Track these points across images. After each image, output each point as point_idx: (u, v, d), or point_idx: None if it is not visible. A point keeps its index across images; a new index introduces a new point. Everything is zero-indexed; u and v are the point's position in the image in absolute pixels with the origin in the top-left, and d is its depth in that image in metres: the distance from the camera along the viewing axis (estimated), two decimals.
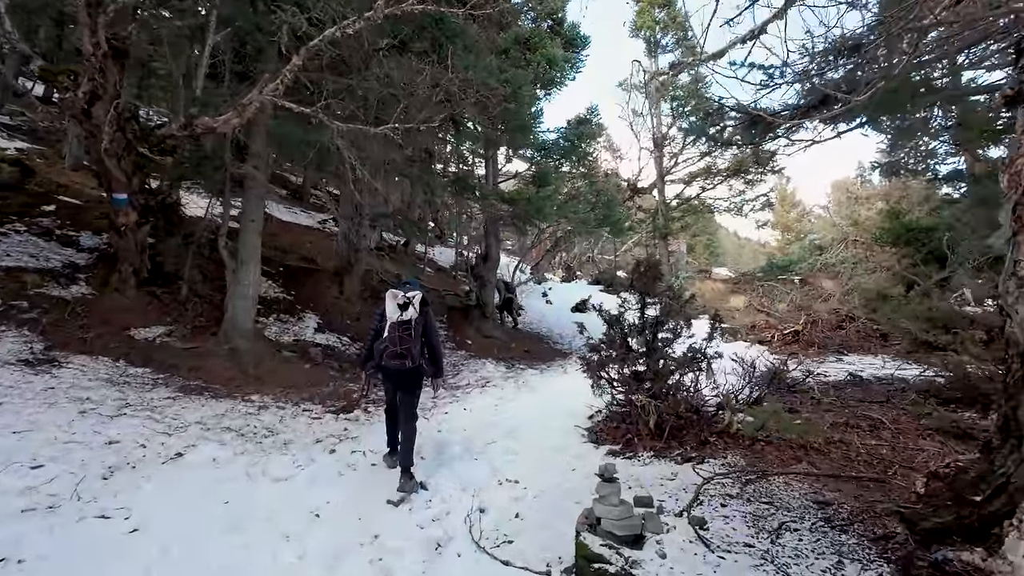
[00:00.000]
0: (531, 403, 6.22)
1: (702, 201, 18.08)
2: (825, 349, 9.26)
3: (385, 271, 13.31)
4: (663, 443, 4.00)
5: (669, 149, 18.51)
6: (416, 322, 3.91)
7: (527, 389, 7.06)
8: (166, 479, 3.58)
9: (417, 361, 3.89)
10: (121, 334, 6.78)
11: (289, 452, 4.35)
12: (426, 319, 4.02)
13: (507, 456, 4.26)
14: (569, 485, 3.61)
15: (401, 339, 3.86)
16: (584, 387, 7.11)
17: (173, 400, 5.27)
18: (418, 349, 3.91)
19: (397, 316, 3.89)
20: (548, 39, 10.84)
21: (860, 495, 2.98)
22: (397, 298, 3.94)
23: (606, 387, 4.77)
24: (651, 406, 4.03)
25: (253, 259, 7.40)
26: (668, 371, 4.36)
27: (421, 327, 3.96)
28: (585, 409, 5.55)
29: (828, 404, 5.10)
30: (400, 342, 3.85)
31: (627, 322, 4.88)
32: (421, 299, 4.01)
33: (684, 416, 4.17)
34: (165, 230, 8.31)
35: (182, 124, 6.54)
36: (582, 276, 23.93)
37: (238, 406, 5.53)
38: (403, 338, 3.86)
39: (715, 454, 3.74)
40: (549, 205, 9.11)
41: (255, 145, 7.57)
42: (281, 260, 11.42)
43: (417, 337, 3.91)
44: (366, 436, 4.93)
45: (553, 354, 11.55)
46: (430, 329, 4.05)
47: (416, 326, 3.91)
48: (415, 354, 3.87)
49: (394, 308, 3.93)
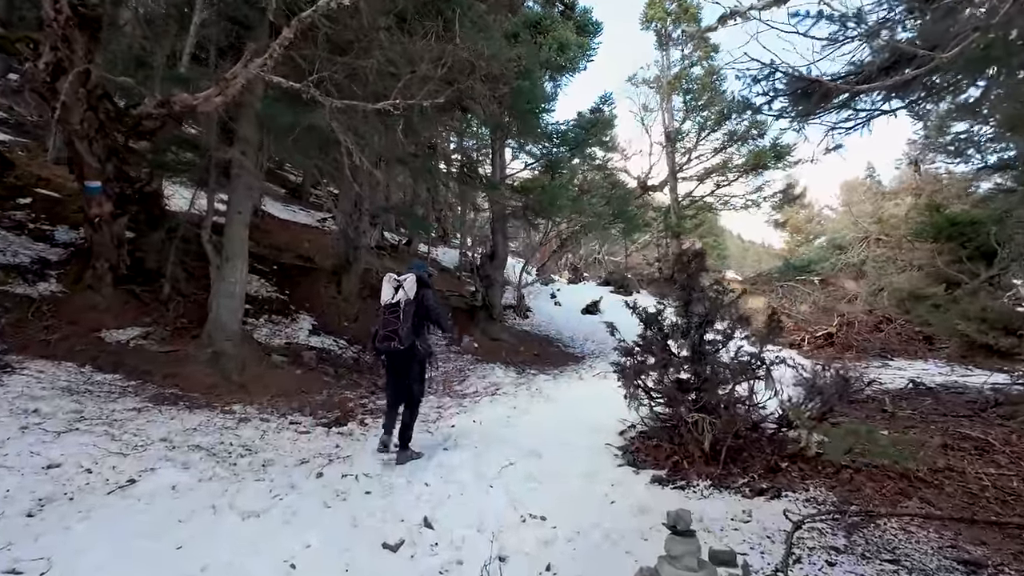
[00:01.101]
0: (549, 415, 5.49)
1: (719, 198, 17.35)
2: (865, 353, 8.51)
3: (386, 270, 12.61)
4: (720, 468, 3.28)
5: (682, 144, 17.80)
6: (406, 303, 3.98)
7: (542, 398, 6.33)
8: (108, 515, 2.87)
9: (406, 343, 3.92)
10: (90, 336, 6.09)
11: (267, 476, 3.64)
12: (422, 299, 4.06)
13: (528, 483, 3.53)
14: (610, 524, 2.88)
15: (388, 321, 3.99)
16: (607, 396, 6.39)
17: (138, 412, 4.57)
18: (407, 331, 3.94)
19: (388, 299, 4.06)
20: (560, 23, 10.17)
21: (1020, 552, 2.23)
22: (391, 281, 4.13)
23: (643, 398, 4.05)
24: (705, 423, 3.31)
25: (240, 255, 6.71)
26: (722, 380, 3.64)
27: (412, 309, 3.99)
28: (613, 422, 4.82)
29: (905, 418, 4.37)
30: (387, 324, 3.99)
31: (667, 322, 4.16)
32: (417, 280, 4.08)
33: (742, 435, 3.46)
34: (146, 223, 7.64)
35: (158, 102, 5.86)
36: (589, 278, 23.19)
37: (215, 418, 4.82)
38: (390, 320, 3.99)
39: (792, 485, 3.02)
40: (564, 195, 8.41)
41: (243, 129, 6.89)
42: (276, 258, 10.74)
43: (407, 319, 3.95)
44: (360, 455, 4.21)
45: (565, 358, 10.82)
46: (428, 307, 4.08)
47: (406, 307, 3.97)
48: (403, 335, 3.91)
49: (388, 291, 4.09)
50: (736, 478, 3.16)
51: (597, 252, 29.42)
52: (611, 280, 18.10)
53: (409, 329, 3.93)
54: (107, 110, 6.25)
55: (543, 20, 9.75)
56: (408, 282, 4.03)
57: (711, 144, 16.95)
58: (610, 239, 25.63)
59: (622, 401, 5.63)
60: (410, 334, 3.94)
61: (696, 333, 3.88)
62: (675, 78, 18.36)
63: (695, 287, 4.03)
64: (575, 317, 14.78)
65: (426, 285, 4.16)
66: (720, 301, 3.87)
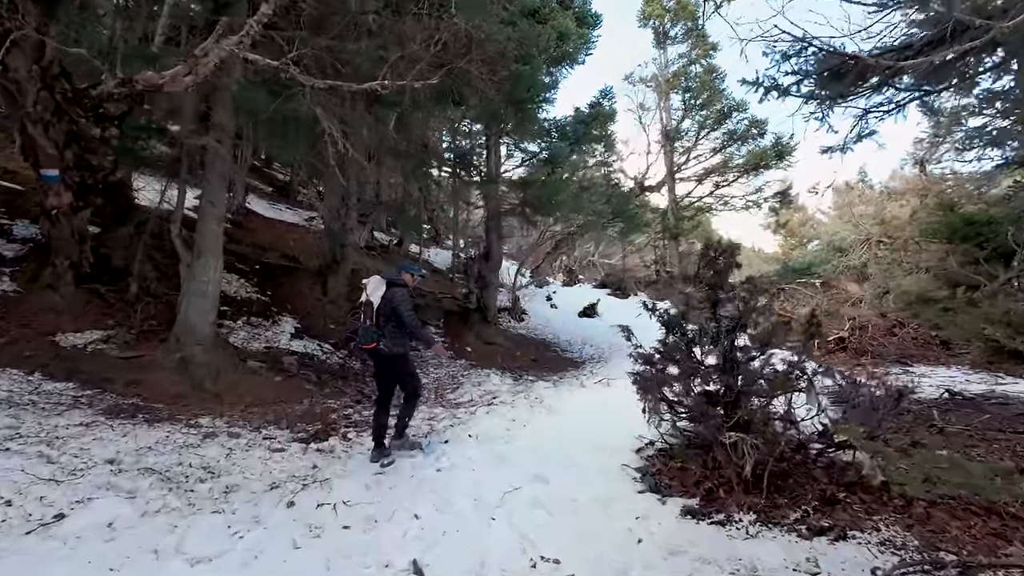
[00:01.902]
0: (552, 428, 4.97)
1: (718, 199, 16.97)
2: (881, 358, 8.09)
3: (376, 271, 12.05)
4: (764, 498, 2.79)
5: (681, 144, 17.43)
6: (366, 305, 4.07)
7: (543, 408, 5.81)
8: (18, 564, 2.31)
9: (365, 342, 4.06)
10: (42, 340, 5.49)
11: (228, 507, 3.08)
12: (391, 299, 4.02)
13: (537, 514, 3.00)
14: (639, 573, 2.37)
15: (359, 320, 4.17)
16: (614, 406, 5.89)
17: (86, 428, 3.99)
18: (367, 328, 4.04)
19: (363, 298, 4.15)
20: (559, 12, 9.69)
21: None
22: (371, 282, 4.17)
23: (665, 411, 3.55)
24: (746, 445, 2.82)
25: (213, 251, 6.14)
26: (758, 392, 3.14)
27: (373, 308, 4.02)
28: (626, 438, 4.31)
29: (957, 435, 3.90)
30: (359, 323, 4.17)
31: (691, 326, 3.67)
32: (388, 282, 4.12)
33: (785, 457, 2.97)
34: (112, 217, 7.04)
35: (120, 81, 5.29)
36: (584, 280, 22.75)
37: (176, 434, 4.25)
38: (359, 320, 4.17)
39: (857, 522, 2.53)
40: (565, 190, 7.92)
41: (218, 115, 6.33)
42: (259, 257, 10.15)
43: (367, 318, 4.05)
44: (341, 478, 3.67)
45: (563, 363, 10.32)
46: (396, 309, 3.99)
47: (366, 308, 4.07)
48: (361, 333, 4.11)
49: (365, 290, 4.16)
50: (785, 511, 2.67)
51: (592, 254, 28.99)
52: (608, 282, 17.64)
53: (369, 327, 4.01)
54: (64, 91, 5.67)
55: (541, 8, 9.26)
56: (371, 283, 4.13)
57: (710, 144, 16.60)
58: (605, 241, 25.24)
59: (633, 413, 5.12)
60: (369, 332, 4.01)
61: (727, 339, 3.39)
62: (674, 76, 18.00)
63: (724, 286, 3.54)
64: (572, 320, 14.30)
65: (396, 285, 4.12)
66: (754, 303, 3.39)
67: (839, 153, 5.00)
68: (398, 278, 4.20)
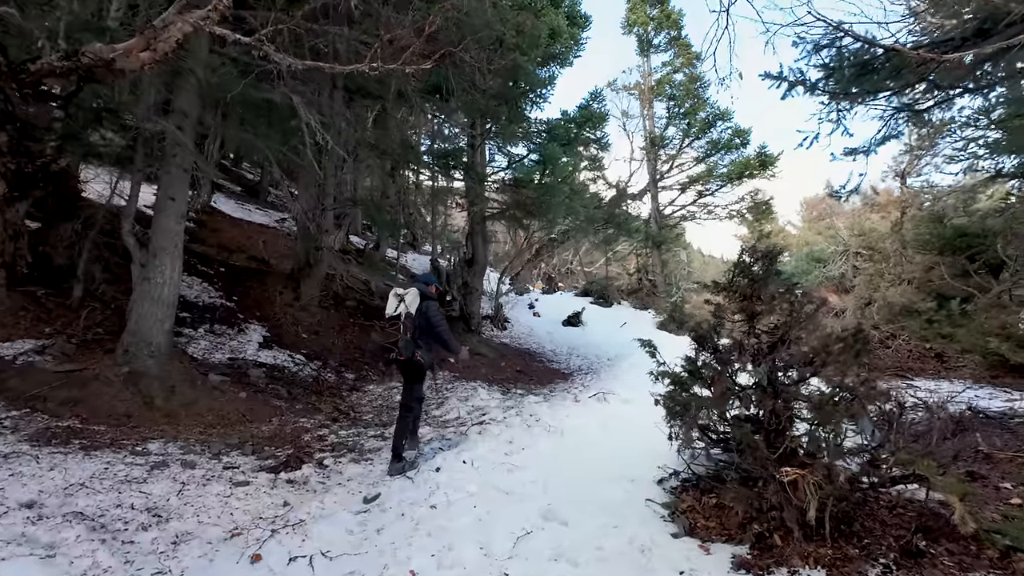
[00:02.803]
0: (556, 453, 4.47)
1: (702, 208, 16.88)
2: (879, 371, 7.89)
3: (351, 276, 11.38)
4: (831, 546, 2.36)
5: (665, 151, 17.28)
6: (406, 316, 4.08)
7: (540, 428, 5.30)
8: None
9: (406, 354, 4.03)
10: None
11: (176, 565, 2.49)
12: (425, 313, 4.08)
13: (558, 568, 2.50)
14: None
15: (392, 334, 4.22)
16: (618, 425, 5.44)
17: (4, 459, 3.30)
18: (406, 342, 4.04)
19: (391, 311, 4.19)
20: (551, 9, 9.32)
21: None
22: (395, 294, 4.23)
23: (697, 440, 3.10)
24: (808, 484, 2.39)
25: (170, 251, 5.45)
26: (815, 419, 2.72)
27: (412, 322, 4.06)
28: (641, 463, 3.85)
29: (1008, 460, 3.57)
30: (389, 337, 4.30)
31: (721, 340, 3.25)
32: (420, 295, 4.12)
33: (845, 495, 2.55)
34: (55, 211, 6.27)
35: (64, 54, 4.62)
36: (564, 288, 22.41)
37: (118, 464, 3.59)
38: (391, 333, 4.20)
39: None
40: (560, 193, 7.49)
41: (181, 100, 5.68)
42: (224, 259, 9.40)
43: (406, 331, 4.06)
44: (318, 520, 3.09)
45: (551, 375, 9.84)
46: (431, 320, 4.09)
47: (406, 320, 4.08)
48: (401, 347, 4.06)
49: (392, 304, 4.20)
50: (861, 565, 2.23)
51: (571, 262, 28.73)
52: (591, 290, 17.31)
53: (408, 341, 4.03)
54: None
55: (532, 3, 8.88)
56: (410, 296, 4.12)
57: (694, 152, 16.51)
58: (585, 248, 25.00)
59: (642, 434, 4.68)
60: (409, 345, 4.02)
61: (769, 356, 2.97)
62: (658, 84, 17.90)
63: (763, 296, 3.13)
64: (557, 329, 13.88)
65: (429, 298, 4.18)
66: (801, 314, 2.99)
67: (862, 156, 4.73)
68: (428, 290, 4.25)
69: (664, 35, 18.32)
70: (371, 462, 4.31)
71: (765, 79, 4.36)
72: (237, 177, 19.18)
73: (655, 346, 3.39)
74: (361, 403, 6.55)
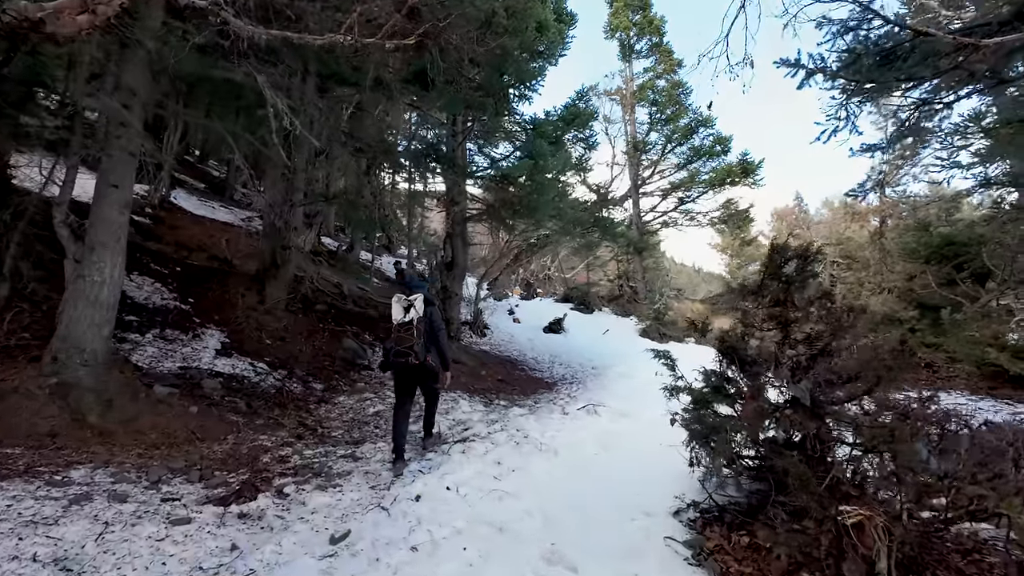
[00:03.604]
0: (551, 476, 3.97)
1: (684, 214, 16.71)
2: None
3: (322, 278, 10.71)
4: None
5: (647, 157, 17.10)
6: (419, 321, 4.14)
7: (531, 446, 4.81)
8: None
9: (421, 358, 4.10)
10: None
11: None
12: (430, 318, 4.22)
13: None
14: None
15: (402, 339, 4.11)
16: (616, 443, 4.98)
17: None
18: (421, 347, 4.11)
19: (400, 318, 4.16)
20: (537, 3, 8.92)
21: None
22: (401, 301, 4.20)
23: (725, 466, 2.67)
24: (877, 529, 1.97)
25: (111, 245, 4.78)
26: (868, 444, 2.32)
27: (424, 326, 4.16)
28: (653, 493, 3.39)
29: None
30: (402, 342, 4.10)
31: (749, 352, 2.83)
32: (425, 300, 4.26)
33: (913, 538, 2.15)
34: None
35: None
36: (543, 294, 22.03)
37: (27, 499, 2.95)
38: (404, 338, 4.10)
39: None
40: (549, 191, 7.04)
41: (128, 74, 5.03)
42: (183, 259, 8.64)
43: (420, 335, 4.12)
44: (272, 566, 2.53)
45: (534, 384, 9.37)
46: (433, 326, 4.23)
47: (419, 325, 4.13)
48: (418, 351, 4.09)
49: (399, 311, 4.18)
50: None
51: (548, 268, 28.40)
52: (572, 296, 16.94)
53: (423, 345, 4.13)
54: None
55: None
56: (418, 302, 4.21)
57: (675, 159, 16.36)
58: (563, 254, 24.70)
59: (643, 453, 4.25)
60: (424, 349, 4.13)
61: (806, 373, 2.57)
62: (640, 89, 17.75)
63: (798, 301, 2.73)
64: (538, 336, 13.44)
65: (432, 304, 4.32)
66: (844, 322, 2.60)
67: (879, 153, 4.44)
68: (430, 295, 4.39)
69: (646, 41, 18.22)
70: (340, 489, 3.74)
71: (781, 66, 4.02)
72: (202, 174, 18.20)
73: (671, 357, 2.95)
74: (330, 417, 5.94)
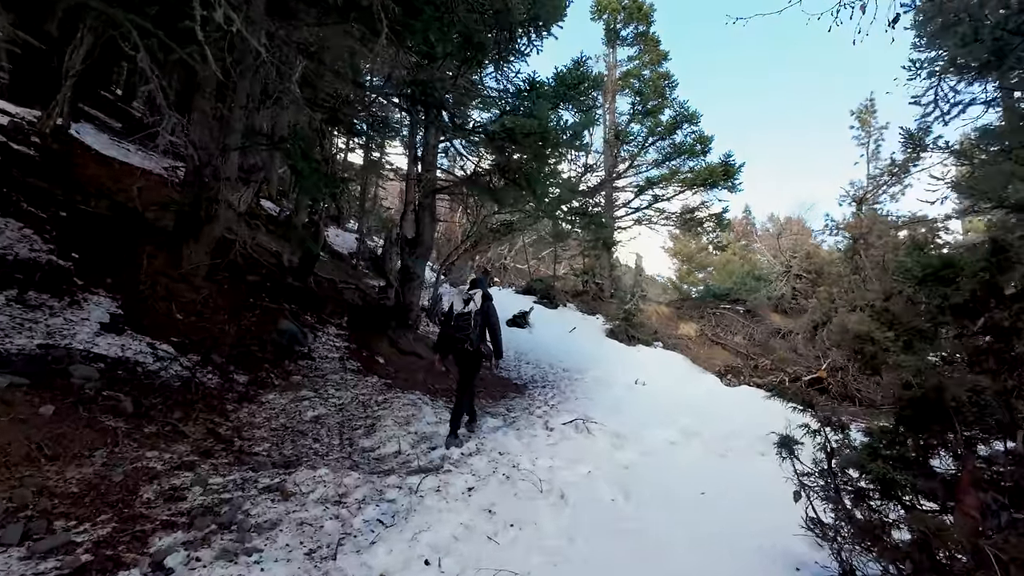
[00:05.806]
0: (570, 537, 2.86)
1: (659, 212, 16.02)
2: (875, 407, 7.16)
3: (258, 246, 9.07)
4: None
5: (627, 148, 16.25)
6: (477, 313, 4.81)
7: (525, 482, 3.66)
8: None
9: (476, 346, 4.76)
10: None
11: None
12: (487, 311, 4.88)
13: None
14: None
15: (461, 327, 4.80)
16: (633, 484, 3.92)
17: None
18: (477, 335, 4.77)
19: (460, 309, 4.88)
20: None
21: None
22: (462, 294, 5.01)
23: None
24: None
25: None
26: None
27: (481, 317, 4.82)
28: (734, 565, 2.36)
29: None
30: (461, 329, 4.79)
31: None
32: (483, 295, 4.93)
33: None
34: None
35: None
36: (500, 283, 20.89)
37: None
38: (463, 326, 4.79)
39: None
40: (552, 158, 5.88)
41: None
42: (75, 203, 6.81)
43: (476, 326, 4.77)
44: None
45: (503, 385, 8.27)
46: (490, 318, 4.88)
47: (476, 316, 4.80)
48: (474, 339, 4.75)
49: (460, 303, 4.92)
50: None
51: (505, 257, 27.26)
52: (535, 289, 15.90)
53: (479, 335, 4.77)
54: None
55: None
56: (477, 296, 4.87)
57: (655, 154, 15.61)
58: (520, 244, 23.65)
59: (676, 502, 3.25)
60: (480, 338, 4.78)
61: None
62: (623, 77, 16.86)
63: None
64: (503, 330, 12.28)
65: (489, 299, 4.96)
66: None
67: None
68: (489, 292, 5.04)
69: (633, 28, 17.33)
70: (259, 558, 2.44)
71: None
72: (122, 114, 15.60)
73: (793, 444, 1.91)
74: (254, 422, 4.56)
